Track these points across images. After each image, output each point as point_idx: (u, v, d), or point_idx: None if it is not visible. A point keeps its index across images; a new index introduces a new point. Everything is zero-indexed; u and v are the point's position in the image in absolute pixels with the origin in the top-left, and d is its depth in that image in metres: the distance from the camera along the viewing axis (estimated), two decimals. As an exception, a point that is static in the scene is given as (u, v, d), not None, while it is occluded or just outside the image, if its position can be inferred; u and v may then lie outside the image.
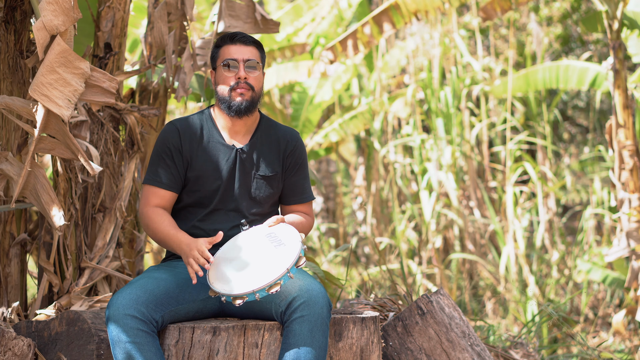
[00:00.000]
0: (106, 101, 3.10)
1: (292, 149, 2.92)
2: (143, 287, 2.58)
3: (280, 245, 2.59)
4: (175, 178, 2.82)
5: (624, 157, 5.61)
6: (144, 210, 2.81)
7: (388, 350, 3.14)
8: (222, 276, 2.56)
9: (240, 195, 2.83)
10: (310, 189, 2.99)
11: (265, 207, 2.89)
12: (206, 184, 2.83)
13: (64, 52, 2.93)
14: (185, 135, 2.84)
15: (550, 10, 10.74)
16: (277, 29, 4.10)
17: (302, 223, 2.89)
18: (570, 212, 9.39)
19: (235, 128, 2.87)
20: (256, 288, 2.48)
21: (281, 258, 2.53)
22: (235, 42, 2.84)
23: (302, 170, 2.95)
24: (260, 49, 2.88)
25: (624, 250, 5.65)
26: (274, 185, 2.89)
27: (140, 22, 7.52)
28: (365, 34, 7.15)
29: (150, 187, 2.82)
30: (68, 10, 2.92)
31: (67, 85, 2.94)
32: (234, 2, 4.08)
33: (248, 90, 2.80)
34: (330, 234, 10.59)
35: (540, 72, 8.07)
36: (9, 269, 3.57)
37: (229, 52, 2.83)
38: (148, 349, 2.50)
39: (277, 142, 2.91)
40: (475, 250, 8.35)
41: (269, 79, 8.42)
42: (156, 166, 2.83)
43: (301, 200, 2.96)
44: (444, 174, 8.40)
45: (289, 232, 2.63)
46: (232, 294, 2.49)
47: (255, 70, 2.83)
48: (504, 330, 6.63)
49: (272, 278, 2.48)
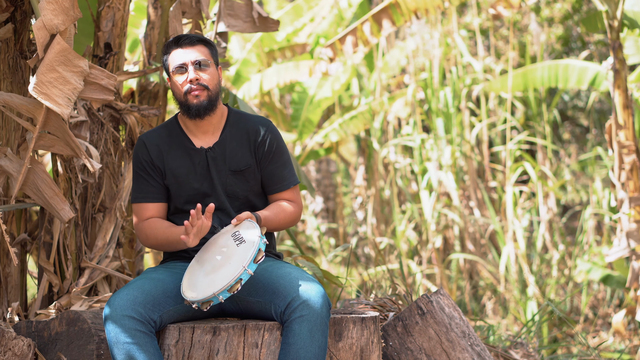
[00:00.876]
0: (105, 98, 3.11)
1: (262, 138, 2.88)
2: (140, 288, 2.59)
3: (242, 243, 2.58)
4: (157, 189, 2.85)
5: (624, 157, 5.61)
6: (138, 227, 2.85)
7: (388, 350, 3.14)
8: (192, 283, 2.58)
9: (218, 194, 2.83)
10: (292, 174, 2.94)
11: (248, 202, 2.87)
12: (183, 190, 2.84)
13: (63, 51, 2.94)
14: (152, 147, 2.85)
15: (551, 11, 10.74)
16: (277, 27, 4.10)
17: (283, 212, 2.86)
18: (570, 212, 9.39)
19: (202, 129, 2.86)
20: (217, 290, 2.48)
21: (240, 256, 2.53)
22: (181, 45, 2.82)
23: (278, 158, 2.90)
24: (208, 45, 2.85)
25: (624, 250, 5.65)
26: (250, 179, 2.87)
27: (140, 22, 7.52)
28: (364, 32, 7.15)
29: (138, 205, 2.86)
30: (68, 10, 2.94)
31: (67, 84, 2.95)
32: (233, 2, 4.07)
33: (203, 90, 2.78)
34: (330, 234, 10.59)
35: (539, 71, 8.07)
36: (9, 269, 3.57)
37: (177, 57, 2.81)
38: (146, 350, 2.50)
39: (247, 134, 2.89)
40: (475, 250, 8.35)
41: (270, 79, 8.42)
42: (137, 184, 2.87)
43: (282, 188, 2.91)
44: (444, 174, 8.40)
45: (250, 229, 2.61)
46: (198, 300, 2.50)
47: (207, 68, 2.80)
48: (504, 330, 6.63)
49: (231, 278, 2.48)
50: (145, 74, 3.89)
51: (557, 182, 8.74)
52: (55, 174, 3.50)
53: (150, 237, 2.79)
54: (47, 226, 3.51)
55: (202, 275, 2.58)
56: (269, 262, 2.77)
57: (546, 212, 8.27)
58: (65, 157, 3.46)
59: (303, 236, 10.01)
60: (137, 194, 2.86)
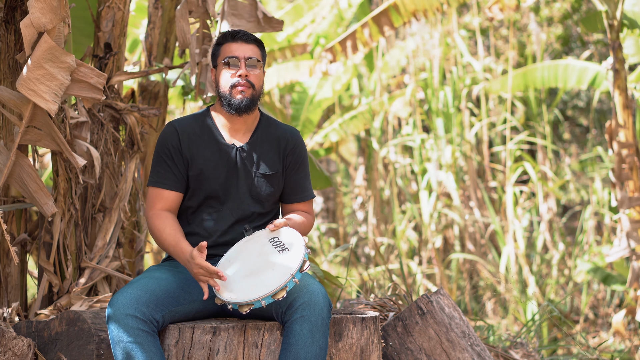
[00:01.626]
0: (94, 97, 3.12)
1: (293, 147, 2.91)
2: (144, 287, 2.58)
3: (284, 250, 2.58)
4: (178, 178, 2.82)
5: (624, 157, 5.61)
6: (149, 214, 2.81)
7: (388, 350, 3.14)
8: (227, 284, 2.55)
9: (241, 193, 2.83)
10: (311, 187, 2.98)
11: (266, 206, 2.88)
12: (206, 183, 2.82)
13: (50, 49, 2.96)
14: (183, 135, 2.84)
15: (550, 10, 10.74)
16: (281, 28, 4.10)
17: (302, 223, 2.89)
18: (570, 212, 9.39)
19: (235, 126, 2.86)
20: (262, 295, 2.47)
21: (286, 264, 2.52)
22: (237, 39, 2.83)
23: (303, 169, 2.94)
24: (261, 48, 2.88)
25: (624, 250, 5.65)
26: (275, 184, 2.88)
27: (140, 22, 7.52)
28: (364, 34, 7.15)
29: (154, 189, 2.82)
30: (55, 9, 2.95)
31: (54, 80, 2.98)
32: (237, 1, 4.07)
33: (249, 88, 2.80)
34: (330, 234, 10.59)
35: (539, 71, 8.07)
36: (9, 269, 3.57)
37: (230, 49, 2.82)
38: (149, 349, 2.50)
39: (277, 141, 2.90)
40: (475, 250, 8.35)
41: (269, 79, 8.42)
42: (158, 168, 2.83)
43: (301, 199, 2.95)
44: (444, 174, 8.40)
45: (293, 237, 2.61)
46: (239, 302, 2.49)
47: (256, 69, 2.82)
48: (504, 330, 6.63)
49: (278, 284, 2.47)
50: (146, 74, 3.89)
51: (557, 182, 8.75)
52: (56, 174, 3.50)
53: (156, 233, 2.76)
54: (47, 226, 3.51)
55: (240, 278, 2.56)
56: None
57: (546, 212, 8.27)
58: (65, 157, 3.46)
59: (303, 236, 9.99)
60: (156, 177, 2.82)
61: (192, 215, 2.84)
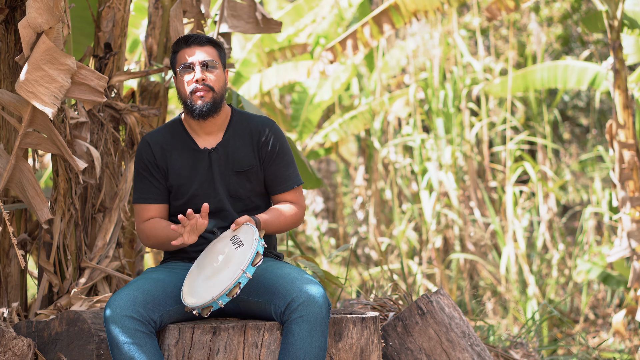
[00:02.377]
0: (94, 100, 3.09)
1: (266, 138, 2.88)
2: (140, 288, 2.59)
3: (240, 246, 2.57)
4: (160, 190, 2.84)
5: (625, 157, 5.61)
6: (139, 227, 2.84)
7: (388, 350, 3.14)
8: (192, 289, 2.57)
9: (221, 195, 2.83)
10: (296, 175, 2.93)
11: (249, 203, 2.87)
12: (186, 190, 2.83)
13: (49, 50, 2.94)
14: (156, 147, 2.85)
15: (550, 10, 10.74)
16: (280, 29, 4.09)
17: (284, 215, 2.85)
18: (570, 212, 9.39)
19: (206, 130, 2.86)
20: (216, 295, 2.47)
21: (237, 260, 2.52)
22: (190, 44, 2.82)
23: (281, 158, 2.90)
24: (217, 47, 2.86)
25: (625, 250, 5.65)
26: (253, 179, 2.86)
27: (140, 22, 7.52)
28: (364, 34, 7.15)
29: (139, 206, 2.86)
30: (52, 9, 2.93)
31: (53, 82, 2.95)
32: (235, 2, 4.07)
33: (208, 91, 2.78)
34: (330, 234, 10.59)
35: (539, 72, 8.07)
36: (9, 269, 3.57)
37: (184, 56, 2.81)
38: (146, 350, 2.50)
39: (250, 134, 2.88)
40: (475, 250, 8.35)
41: (269, 79, 8.42)
42: (139, 184, 2.87)
43: (285, 189, 2.91)
44: (444, 174, 8.40)
45: (248, 232, 2.60)
46: (198, 306, 2.50)
47: (214, 69, 2.80)
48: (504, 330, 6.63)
49: (229, 283, 2.47)
50: (146, 74, 3.89)
51: (557, 182, 8.75)
52: (56, 174, 3.50)
53: (151, 237, 2.79)
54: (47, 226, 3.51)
55: (202, 281, 2.57)
56: (269, 262, 2.77)
57: (546, 212, 8.27)
58: (64, 158, 3.46)
59: (303, 236, 10.01)
60: (140, 194, 2.86)
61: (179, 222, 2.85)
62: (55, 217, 3.47)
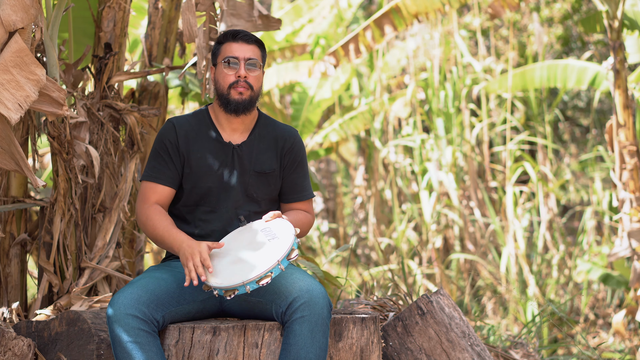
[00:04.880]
0: (54, 112, 2.98)
1: (290, 146, 2.91)
2: (144, 287, 2.58)
3: (274, 238, 2.57)
4: (173, 174, 2.82)
5: (625, 157, 5.62)
6: (142, 207, 2.80)
7: (388, 350, 3.14)
8: (215, 270, 2.55)
9: (237, 192, 2.83)
10: (310, 186, 2.98)
11: (263, 205, 2.87)
12: (202, 181, 2.82)
13: (20, 52, 2.83)
14: (181, 132, 2.84)
15: (551, 11, 10.74)
16: (279, 26, 4.09)
17: (301, 220, 2.88)
18: (570, 212, 9.39)
19: (233, 126, 2.87)
20: (246, 280, 2.46)
21: (273, 250, 2.52)
22: (238, 40, 2.83)
23: (301, 168, 2.94)
24: (262, 49, 2.88)
25: (625, 250, 5.65)
26: (272, 183, 2.88)
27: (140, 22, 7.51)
28: (366, 37, 7.16)
29: (147, 184, 2.82)
30: (28, 8, 2.83)
31: (20, 89, 2.82)
32: (235, 1, 4.07)
33: (247, 89, 2.80)
34: (330, 234, 10.59)
35: (538, 71, 8.06)
36: (9, 269, 3.57)
37: (230, 49, 2.82)
38: (149, 349, 2.50)
39: (275, 140, 2.90)
40: (475, 250, 8.35)
41: (269, 79, 8.42)
42: (154, 162, 2.84)
43: (301, 198, 2.94)
44: (444, 174, 8.40)
45: (284, 226, 2.61)
46: (223, 287, 2.48)
47: (256, 69, 2.82)
48: (504, 330, 6.63)
49: (262, 270, 2.47)
50: (146, 74, 3.89)
51: (557, 182, 8.74)
52: (56, 174, 3.50)
53: (148, 226, 2.76)
54: (47, 226, 3.51)
55: (227, 264, 2.56)
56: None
57: (546, 212, 8.27)
58: (65, 157, 3.46)
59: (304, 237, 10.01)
60: (151, 172, 2.82)
61: (188, 214, 2.84)
62: (55, 217, 3.47)
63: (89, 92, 3.78)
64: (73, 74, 3.70)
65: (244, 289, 2.47)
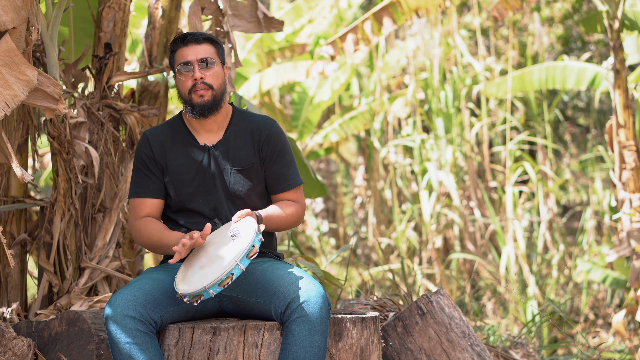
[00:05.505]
0: (49, 107, 2.97)
1: (267, 137, 2.87)
2: (141, 288, 2.58)
3: (238, 238, 2.57)
4: (157, 185, 2.84)
5: (625, 157, 5.62)
6: (133, 223, 2.83)
7: (388, 350, 3.14)
8: (186, 276, 2.57)
9: (219, 193, 2.83)
10: (296, 174, 2.93)
11: (249, 201, 2.86)
12: (183, 187, 2.83)
13: (9, 52, 2.83)
14: (155, 143, 2.85)
15: (551, 11, 10.74)
16: (281, 28, 4.09)
17: (284, 212, 2.85)
18: (570, 212, 9.39)
19: (206, 127, 2.86)
20: (207, 284, 2.46)
21: (232, 251, 2.52)
22: (187, 43, 2.80)
23: (282, 158, 2.90)
24: (215, 44, 2.85)
25: (625, 250, 5.65)
26: (253, 177, 2.86)
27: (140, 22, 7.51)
28: (365, 30, 7.15)
29: (135, 200, 2.85)
30: (18, 8, 2.83)
31: (8, 88, 2.83)
32: (237, 2, 4.07)
33: (207, 89, 2.78)
34: (330, 234, 10.59)
35: (537, 72, 8.05)
36: (9, 269, 3.57)
37: (182, 54, 2.80)
38: (147, 350, 2.50)
39: (251, 133, 2.88)
40: (475, 250, 8.35)
41: (269, 79, 8.41)
42: (136, 178, 2.86)
43: (286, 188, 2.91)
44: (444, 174, 8.40)
45: (248, 225, 2.60)
46: (189, 293, 2.49)
47: (213, 67, 2.79)
48: (504, 330, 6.62)
49: (222, 272, 2.47)
50: (146, 74, 3.89)
51: (557, 182, 8.74)
52: (56, 174, 3.50)
53: (143, 236, 2.78)
54: (47, 226, 3.51)
55: (197, 269, 2.57)
56: (269, 262, 2.77)
57: (546, 212, 8.27)
58: (65, 157, 3.46)
59: (303, 236, 10.01)
60: (136, 188, 2.85)
61: (177, 219, 2.85)
62: (55, 217, 3.47)
63: (89, 92, 3.78)
64: (73, 73, 3.70)
65: (208, 294, 2.48)
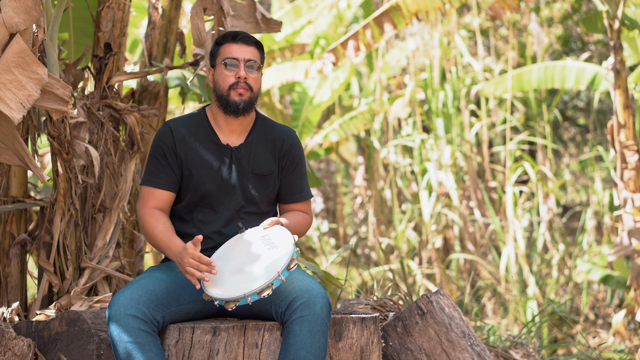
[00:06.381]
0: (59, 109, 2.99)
1: (288, 147, 2.90)
2: (144, 287, 2.58)
3: (273, 248, 2.57)
4: (171, 178, 2.82)
5: (626, 157, 5.62)
6: (140, 212, 2.81)
7: (388, 350, 3.14)
8: (215, 280, 2.55)
9: (236, 194, 2.83)
10: (308, 187, 2.98)
11: (262, 207, 2.87)
12: (200, 183, 2.82)
13: (21, 52, 2.85)
14: (178, 135, 2.83)
15: (550, 11, 10.74)
16: (279, 29, 4.09)
17: (299, 223, 2.88)
18: (570, 212, 9.39)
19: (231, 127, 2.86)
20: (247, 292, 2.46)
21: (273, 261, 2.52)
22: (237, 41, 2.83)
23: (299, 169, 2.94)
24: (260, 50, 2.88)
25: (625, 249, 5.65)
26: (270, 184, 2.88)
27: (140, 22, 7.51)
28: (366, 35, 7.16)
29: (147, 188, 2.83)
30: (29, 9, 2.84)
31: (22, 89, 2.84)
32: (235, 2, 4.07)
33: (247, 90, 2.80)
34: (330, 234, 10.59)
35: (536, 72, 8.04)
36: (9, 269, 3.57)
37: (230, 50, 2.81)
38: (149, 349, 2.50)
39: (273, 141, 2.90)
40: (475, 250, 8.35)
41: (268, 79, 8.42)
42: (152, 167, 2.84)
43: (299, 199, 2.94)
44: (444, 174, 8.40)
45: (282, 235, 2.61)
46: (224, 298, 2.48)
47: (255, 71, 2.82)
48: (504, 330, 6.62)
49: (264, 282, 2.47)
50: (146, 74, 3.89)
51: (557, 182, 8.74)
52: (56, 174, 3.50)
53: (146, 231, 2.77)
54: (47, 226, 3.51)
55: (228, 274, 2.56)
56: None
57: (546, 212, 8.27)
58: (65, 157, 3.46)
59: (303, 236, 10.01)
60: (150, 177, 2.82)
61: (187, 215, 2.84)
62: (55, 217, 3.47)
63: (89, 92, 3.78)
64: (73, 74, 3.70)
65: (246, 301, 2.48)
